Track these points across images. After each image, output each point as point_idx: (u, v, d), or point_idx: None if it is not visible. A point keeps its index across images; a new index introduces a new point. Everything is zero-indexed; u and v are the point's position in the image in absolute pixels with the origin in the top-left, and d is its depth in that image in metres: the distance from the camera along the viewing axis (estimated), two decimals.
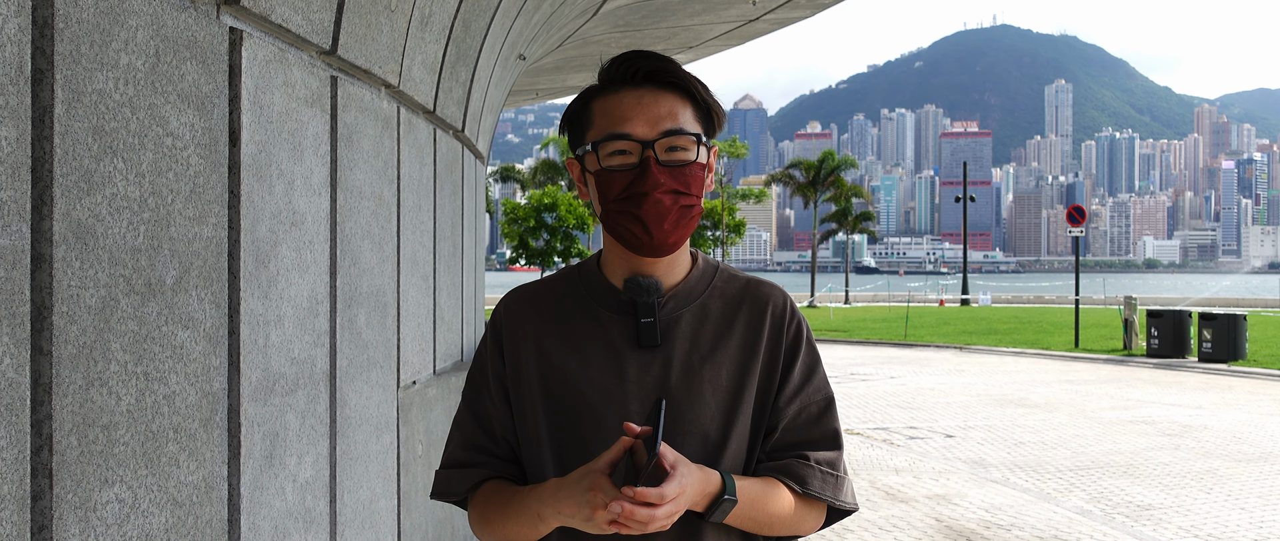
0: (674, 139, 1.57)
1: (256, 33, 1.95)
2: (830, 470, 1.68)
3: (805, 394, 1.69)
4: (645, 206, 1.56)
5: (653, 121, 1.57)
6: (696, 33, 10.25)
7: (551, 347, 1.66)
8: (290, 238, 2.13)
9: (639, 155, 1.57)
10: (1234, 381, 17.50)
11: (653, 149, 1.56)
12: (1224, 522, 7.81)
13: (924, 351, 24.59)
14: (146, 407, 1.51)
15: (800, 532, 1.68)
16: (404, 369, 3.25)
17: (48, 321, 1.28)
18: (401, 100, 3.22)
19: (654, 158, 1.56)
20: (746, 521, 1.59)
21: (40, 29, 1.27)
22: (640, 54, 1.62)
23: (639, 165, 1.57)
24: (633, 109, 1.58)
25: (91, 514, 1.37)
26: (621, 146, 1.58)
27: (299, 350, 2.18)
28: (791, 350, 1.69)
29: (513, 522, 1.61)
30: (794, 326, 1.71)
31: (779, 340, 1.69)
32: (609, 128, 1.58)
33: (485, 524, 1.68)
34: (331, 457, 2.42)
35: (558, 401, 1.64)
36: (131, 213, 1.47)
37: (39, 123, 1.28)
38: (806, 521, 1.68)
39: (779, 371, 1.68)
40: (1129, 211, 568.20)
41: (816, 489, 1.66)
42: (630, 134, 1.57)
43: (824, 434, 1.69)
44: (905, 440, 11.55)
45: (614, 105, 1.60)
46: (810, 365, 1.71)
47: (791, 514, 1.64)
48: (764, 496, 1.61)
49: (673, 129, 1.57)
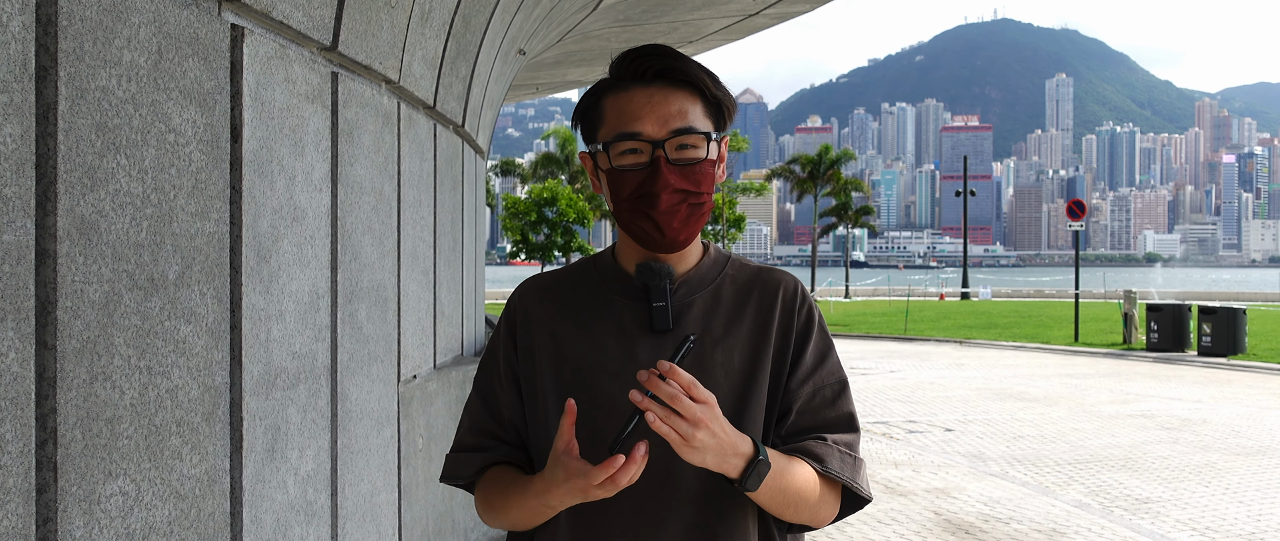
0: (684, 138, 1.59)
1: (258, 29, 1.97)
2: (848, 451, 1.67)
3: (819, 376, 1.69)
4: (656, 205, 1.58)
5: (663, 120, 1.58)
6: (697, 27, 10.25)
7: (564, 332, 1.68)
8: (291, 233, 2.14)
9: (650, 154, 1.58)
10: (1233, 375, 17.51)
11: (663, 148, 1.58)
12: (1222, 515, 7.83)
13: (924, 345, 24.60)
14: (149, 401, 1.53)
15: (818, 519, 1.65)
16: (404, 363, 3.26)
17: (52, 316, 1.30)
18: (402, 96, 3.23)
19: (664, 157, 1.58)
20: (774, 494, 1.56)
21: (44, 26, 1.29)
22: (652, 50, 1.62)
23: (650, 164, 1.58)
24: (643, 107, 1.59)
25: (95, 506, 1.39)
26: (632, 146, 1.59)
27: (300, 344, 2.19)
28: (803, 333, 1.70)
29: (515, 510, 1.63)
30: (805, 310, 1.72)
31: (790, 324, 1.70)
32: (620, 126, 1.60)
33: (489, 509, 1.70)
34: (333, 451, 2.43)
35: (569, 385, 1.65)
36: (134, 208, 1.49)
37: (43, 119, 1.29)
38: (824, 506, 1.65)
39: (790, 354, 1.69)
40: (1129, 205, 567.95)
41: (836, 468, 1.63)
42: (641, 133, 1.58)
43: (839, 416, 1.69)
44: (905, 434, 11.57)
45: (625, 103, 1.61)
46: (823, 349, 1.71)
47: (815, 492, 1.62)
48: (790, 468, 1.58)
49: (683, 128, 1.58)
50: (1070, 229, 24.83)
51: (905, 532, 7.32)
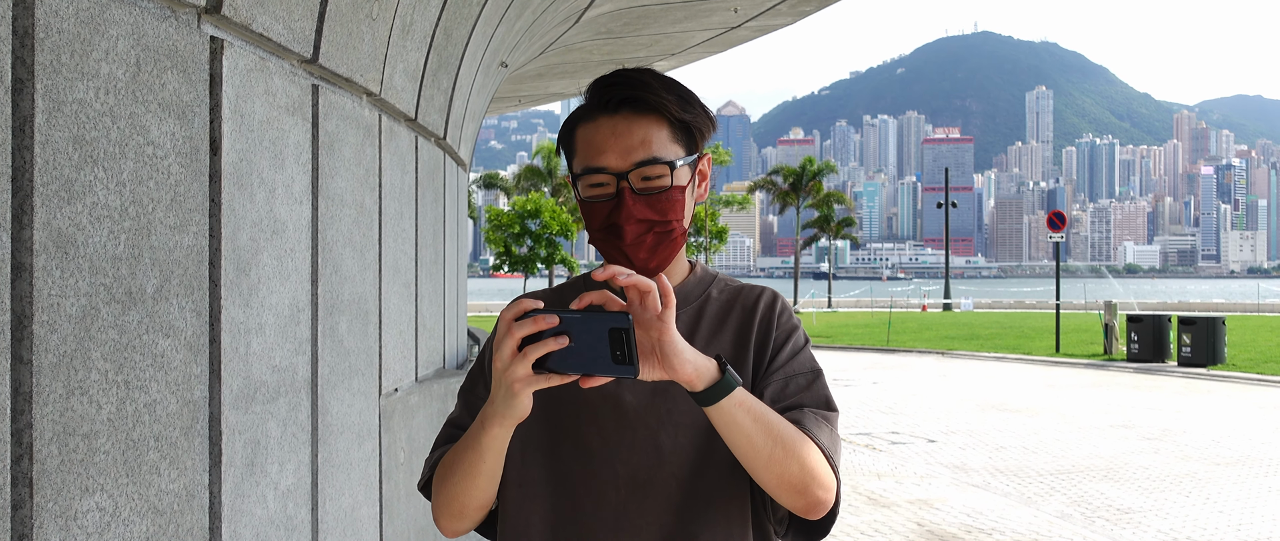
0: (647, 169, 1.59)
1: (237, 42, 1.96)
2: (824, 418, 1.60)
3: (791, 365, 1.66)
4: (622, 236, 1.59)
5: (625, 152, 1.59)
6: (679, 40, 10.28)
7: None
8: (271, 246, 2.13)
9: (615, 186, 1.59)
10: (1213, 385, 17.63)
11: (627, 180, 1.58)
12: (1203, 525, 7.86)
13: (906, 357, 24.67)
14: (127, 416, 1.52)
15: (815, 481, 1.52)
16: (386, 376, 3.25)
17: (28, 330, 1.29)
18: (383, 108, 3.22)
19: (629, 188, 1.58)
20: (750, 424, 1.46)
21: (20, 38, 1.28)
22: (616, 79, 1.62)
23: (615, 196, 1.59)
24: (607, 140, 1.60)
25: (72, 522, 1.37)
26: (598, 179, 1.60)
27: (280, 358, 2.18)
28: (781, 336, 1.70)
29: (461, 474, 1.57)
30: (784, 317, 1.72)
31: (769, 330, 1.71)
32: (587, 160, 1.61)
33: (436, 496, 1.64)
34: (313, 465, 2.42)
35: (553, 399, 1.65)
36: (112, 221, 1.48)
37: (19, 132, 1.28)
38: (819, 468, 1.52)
39: (768, 356, 1.69)
40: (1109, 217, 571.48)
41: (811, 426, 1.56)
42: (605, 166, 1.59)
43: (815, 399, 1.63)
44: (887, 445, 11.59)
45: (592, 134, 1.62)
46: (797, 344, 1.69)
47: (794, 435, 1.51)
48: (764, 408, 1.51)
49: (645, 160, 1.58)
50: (1051, 240, 24.97)
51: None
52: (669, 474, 1.63)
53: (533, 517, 1.65)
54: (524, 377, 1.38)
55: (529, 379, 1.38)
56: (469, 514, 1.62)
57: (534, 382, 1.39)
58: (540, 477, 1.66)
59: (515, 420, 1.44)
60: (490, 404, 1.46)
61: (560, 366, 1.36)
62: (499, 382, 1.41)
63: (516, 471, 1.66)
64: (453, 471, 1.59)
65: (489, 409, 1.46)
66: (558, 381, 1.39)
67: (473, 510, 1.62)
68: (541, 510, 1.65)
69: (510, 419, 1.44)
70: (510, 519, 1.67)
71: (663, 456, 1.63)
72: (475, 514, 1.63)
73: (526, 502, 1.66)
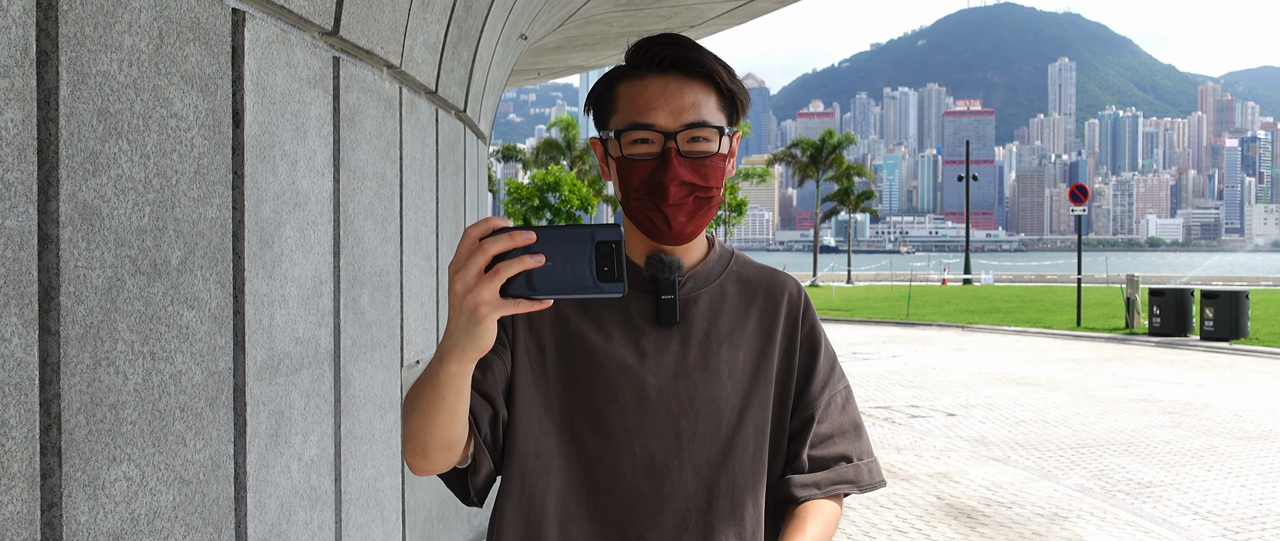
0: (697, 131, 1.56)
1: (259, 14, 1.96)
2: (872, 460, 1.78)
3: (831, 384, 1.76)
4: (665, 197, 1.56)
5: (676, 112, 1.56)
6: (699, 11, 10.22)
7: (572, 317, 1.67)
8: (294, 218, 2.14)
9: (661, 145, 1.56)
10: (1236, 359, 17.52)
11: (675, 140, 1.55)
12: (1224, 499, 7.84)
13: (926, 330, 24.60)
14: (153, 387, 1.53)
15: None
16: (408, 348, 3.26)
17: (55, 302, 1.30)
18: (403, 81, 3.22)
19: (676, 149, 1.55)
20: None
21: (44, 11, 1.28)
22: (669, 39, 1.60)
23: (660, 155, 1.56)
24: (657, 98, 1.57)
25: (100, 492, 1.39)
26: (644, 136, 1.57)
27: (303, 330, 2.19)
28: (810, 340, 1.74)
29: (420, 412, 1.45)
30: (809, 317, 1.75)
31: (795, 329, 1.71)
32: (633, 115, 1.58)
33: (402, 431, 1.55)
34: (336, 436, 2.43)
35: (573, 372, 1.64)
36: (137, 194, 1.48)
37: (44, 104, 1.29)
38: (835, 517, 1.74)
39: (799, 360, 1.71)
40: (1132, 190, 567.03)
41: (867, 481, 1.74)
42: (653, 124, 1.56)
43: (851, 421, 1.76)
44: (907, 418, 11.58)
45: (639, 92, 1.58)
46: (831, 358, 1.78)
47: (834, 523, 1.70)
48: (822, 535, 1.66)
49: (696, 121, 1.56)
50: (1073, 213, 24.80)
51: (908, 516, 7.33)
52: (686, 460, 1.62)
53: (549, 489, 1.63)
54: (490, 301, 1.22)
55: (495, 303, 1.23)
56: (432, 453, 1.50)
57: (501, 307, 1.23)
58: (554, 449, 1.64)
59: (478, 353, 1.30)
60: (448, 336, 1.31)
61: (538, 287, 1.21)
62: (459, 309, 1.25)
63: (534, 440, 1.64)
64: (413, 407, 1.48)
65: (447, 341, 1.31)
66: (527, 307, 1.23)
67: (435, 450, 1.49)
68: (557, 483, 1.63)
69: (472, 351, 1.29)
70: (525, 489, 1.63)
71: (681, 442, 1.62)
72: (439, 454, 1.50)
73: (542, 473, 1.63)
